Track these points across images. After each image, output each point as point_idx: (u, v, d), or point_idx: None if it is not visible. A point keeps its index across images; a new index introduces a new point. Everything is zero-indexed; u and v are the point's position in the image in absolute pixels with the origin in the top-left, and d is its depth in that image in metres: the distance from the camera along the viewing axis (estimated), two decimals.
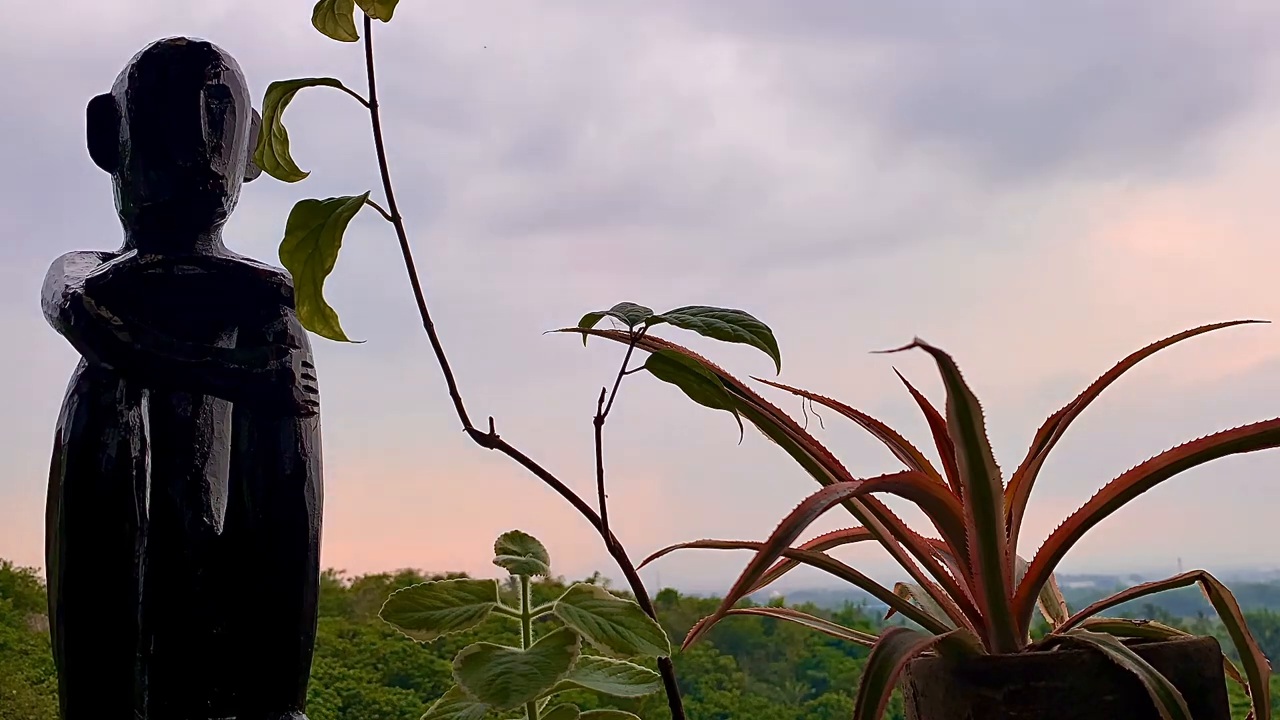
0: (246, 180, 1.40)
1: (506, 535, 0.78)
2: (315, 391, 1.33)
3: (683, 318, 0.78)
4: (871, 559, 0.85)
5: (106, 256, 1.34)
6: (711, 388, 0.77)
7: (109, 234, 1.38)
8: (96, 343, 1.26)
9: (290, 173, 0.76)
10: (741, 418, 0.80)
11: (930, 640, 0.72)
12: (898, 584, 0.89)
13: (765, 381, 0.83)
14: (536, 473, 0.77)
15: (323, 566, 1.34)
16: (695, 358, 0.80)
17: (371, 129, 0.74)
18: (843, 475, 0.80)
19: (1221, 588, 0.80)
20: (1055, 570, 0.80)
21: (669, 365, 0.78)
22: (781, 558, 0.81)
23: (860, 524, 0.83)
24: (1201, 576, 0.80)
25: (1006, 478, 0.76)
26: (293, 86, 0.73)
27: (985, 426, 0.72)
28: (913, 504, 0.78)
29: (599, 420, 0.77)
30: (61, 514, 1.26)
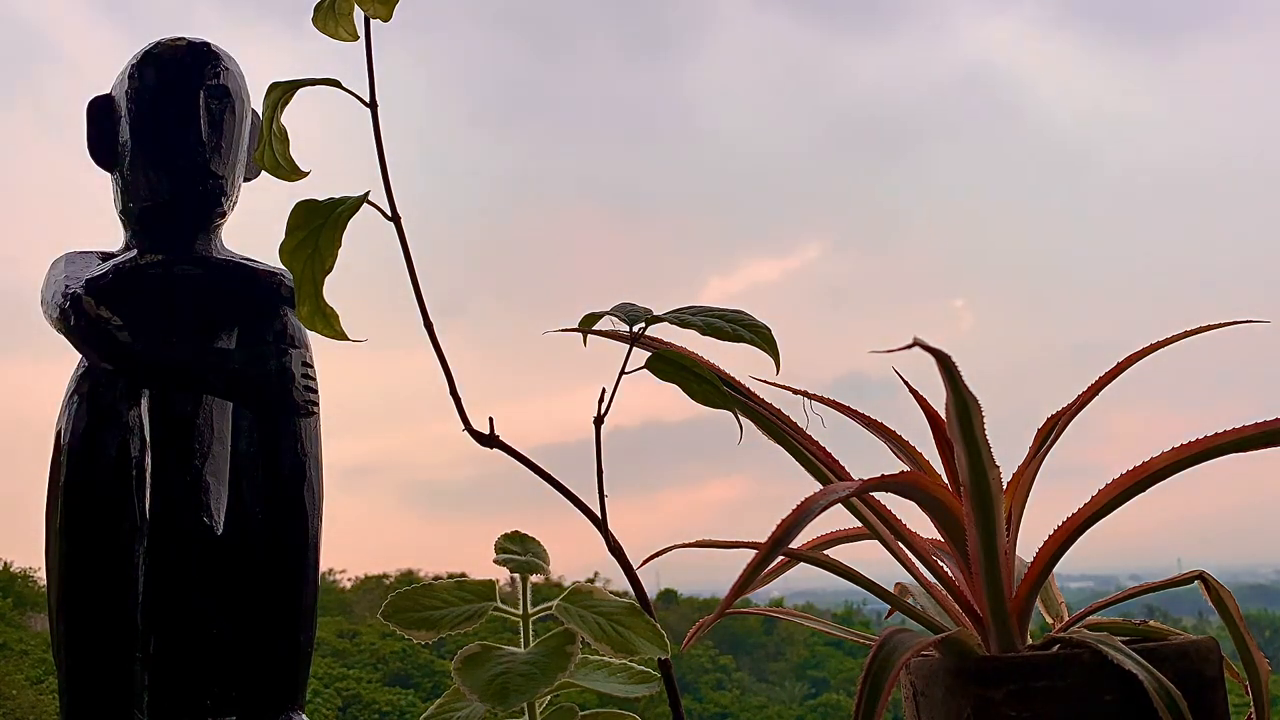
0: (246, 180, 1.40)
1: (506, 535, 0.78)
2: (315, 391, 1.33)
3: (682, 317, 0.78)
4: (871, 559, 0.85)
5: (106, 256, 1.34)
6: (710, 387, 0.77)
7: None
8: (96, 343, 1.26)
9: (290, 172, 0.76)
10: (741, 417, 0.80)
11: (930, 640, 0.73)
12: (897, 584, 0.89)
13: (765, 381, 0.83)
14: (536, 472, 0.77)
15: (323, 566, 1.34)
16: (695, 357, 0.80)
17: (371, 129, 0.74)
18: (843, 475, 0.80)
19: (1221, 588, 0.80)
20: (1055, 570, 0.81)
21: (669, 365, 0.78)
22: (781, 558, 0.81)
23: (860, 524, 0.83)
24: (1201, 576, 0.80)
25: (1006, 478, 0.76)
26: (293, 86, 0.73)
27: (985, 426, 0.72)
28: (913, 504, 0.78)
29: (599, 420, 0.77)
30: (61, 514, 1.26)
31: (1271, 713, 0.79)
